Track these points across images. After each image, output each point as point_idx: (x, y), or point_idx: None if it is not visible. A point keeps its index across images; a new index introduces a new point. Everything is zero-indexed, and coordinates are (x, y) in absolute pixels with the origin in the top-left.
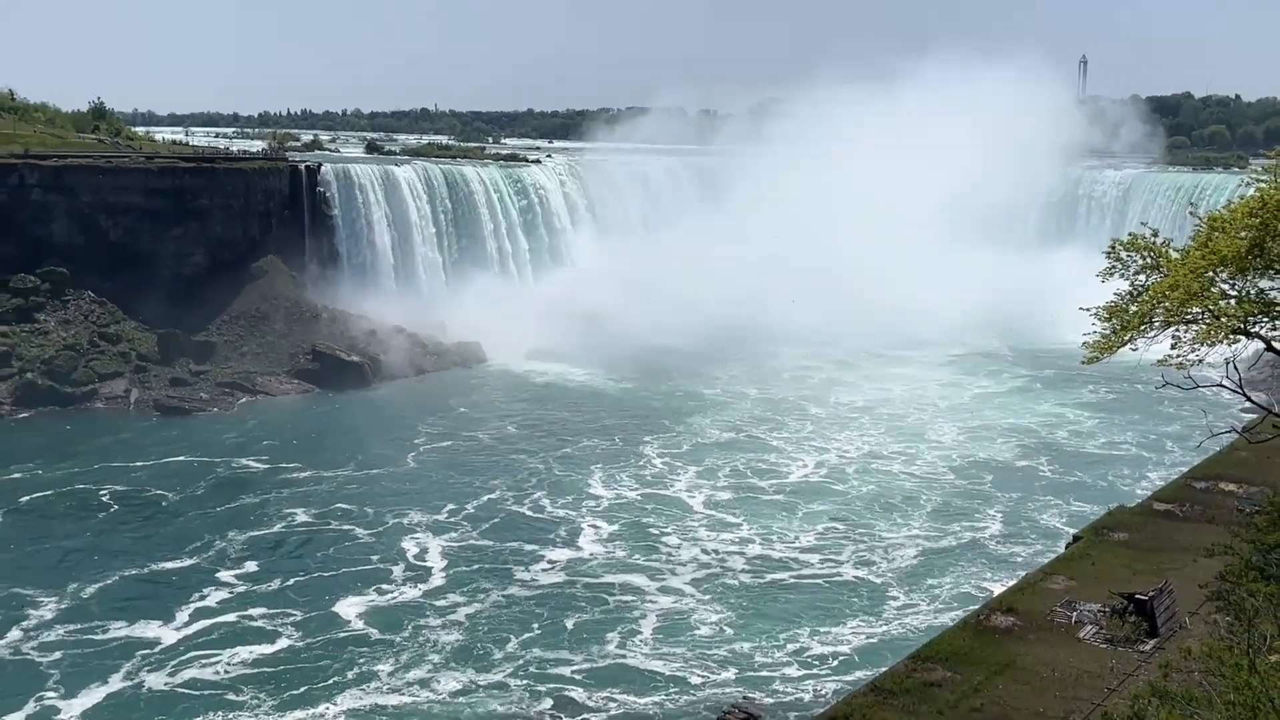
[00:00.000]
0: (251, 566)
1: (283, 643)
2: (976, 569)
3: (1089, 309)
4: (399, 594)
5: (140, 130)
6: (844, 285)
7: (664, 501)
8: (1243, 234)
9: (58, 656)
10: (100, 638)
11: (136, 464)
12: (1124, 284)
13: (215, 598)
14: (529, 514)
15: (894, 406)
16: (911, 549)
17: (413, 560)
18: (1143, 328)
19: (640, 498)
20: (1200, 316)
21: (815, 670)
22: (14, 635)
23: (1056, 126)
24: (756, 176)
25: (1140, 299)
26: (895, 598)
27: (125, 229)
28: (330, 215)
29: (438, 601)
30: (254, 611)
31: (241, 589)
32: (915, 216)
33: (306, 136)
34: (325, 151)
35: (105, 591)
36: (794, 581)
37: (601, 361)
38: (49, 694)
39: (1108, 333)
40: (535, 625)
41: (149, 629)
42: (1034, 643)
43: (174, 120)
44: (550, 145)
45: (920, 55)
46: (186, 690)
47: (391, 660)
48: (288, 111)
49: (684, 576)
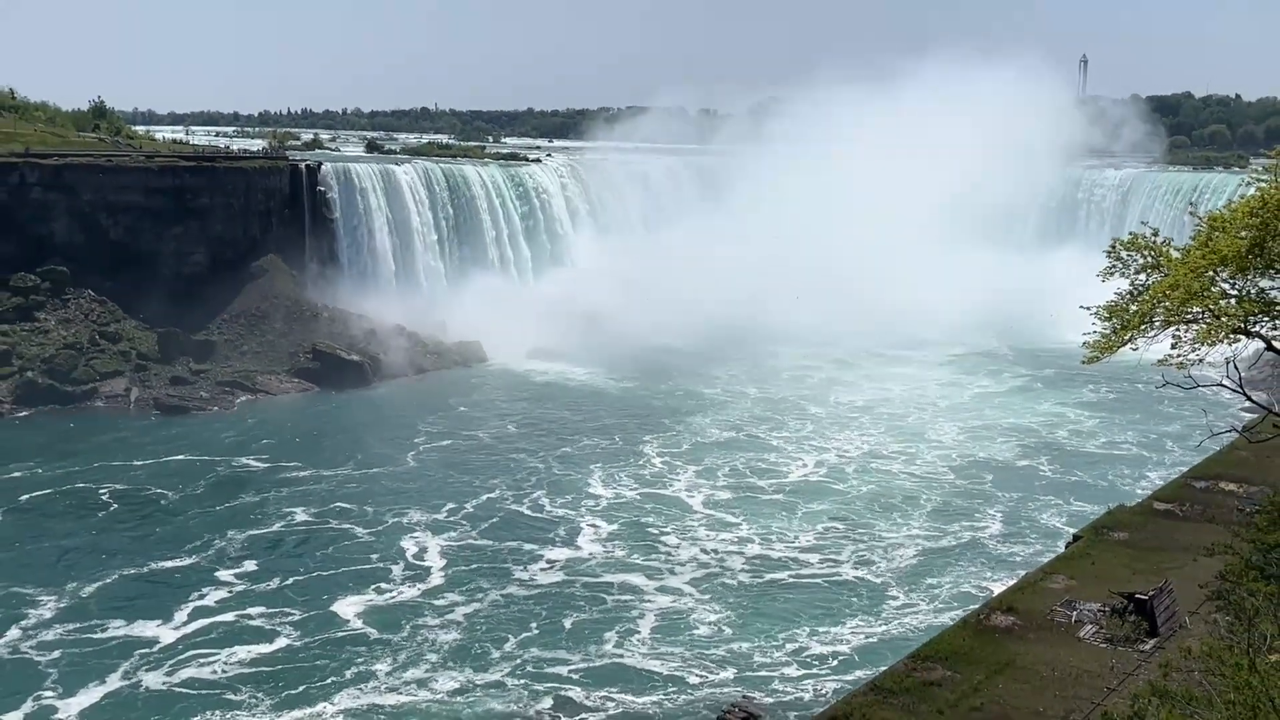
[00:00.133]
0: (250, 565)
1: (281, 642)
2: (976, 568)
3: (1089, 308)
4: (397, 593)
5: (140, 129)
6: (844, 285)
7: (663, 501)
8: (1243, 233)
9: (56, 655)
10: (99, 637)
11: (136, 463)
12: (1124, 283)
13: (214, 597)
14: (528, 513)
15: (894, 406)
16: (911, 548)
17: (411, 559)
18: (1143, 327)
19: (639, 497)
20: (1200, 316)
21: (814, 670)
22: (13, 634)
23: (1056, 126)
24: (757, 176)
25: (1140, 298)
26: (895, 597)
27: (125, 228)
28: (330, 215)
29: (436, 601)
30: (252, 611)
31: (240, 588)
32: (915, 216)
33: (307, 135)
34: (325, 151)
35: (104, 590)
36: (793, 581)
37: (602, 361)
38: (47, 693)
39: (1108, 332)
40: (534, 625)
41: (147, 628)
42: (1034, 642)
43: (174, 119)
44: (550, 144)
45: (920, 55)
46: (184, 689)
47: (389, 659)
48: (288, 110)
49: (683, 576)
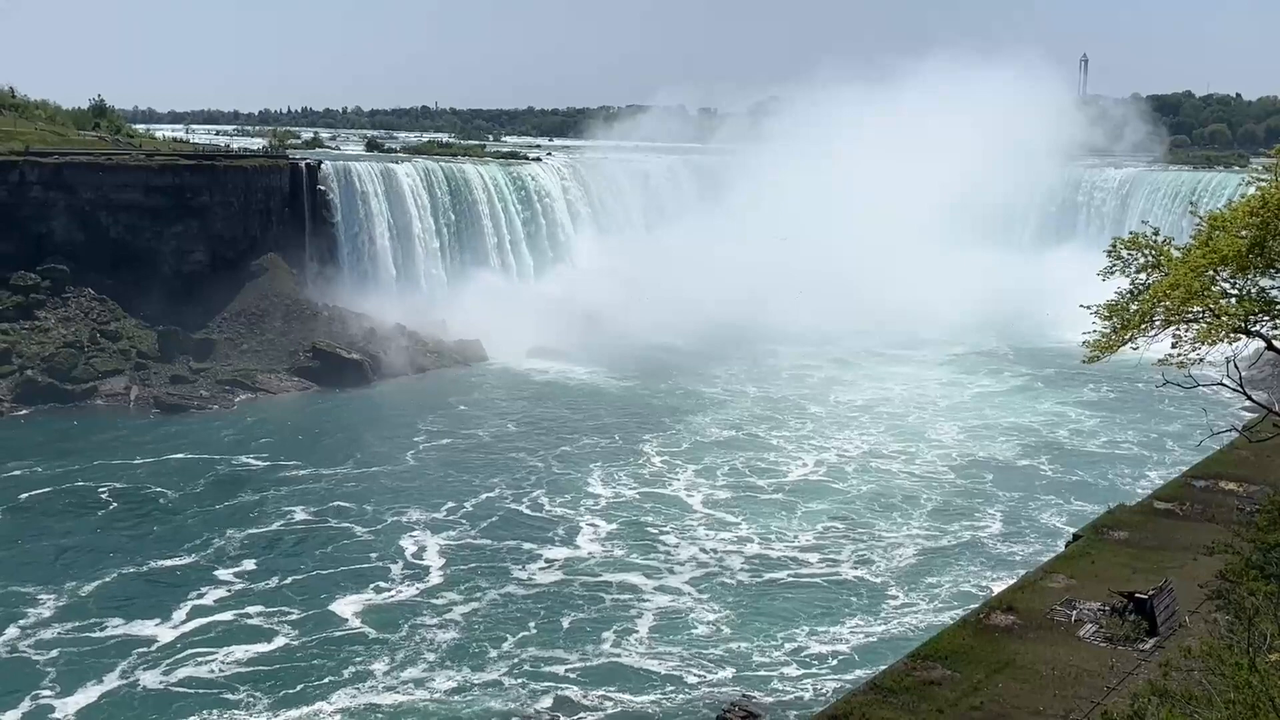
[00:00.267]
0: (249, 564)
1: (279, 641)
2: (976, 568)
3: (1089, 307)
4: (396, 592)
5: (141, 128)
6: (844, 284)
7: (663, 500)
8: (1243, 233)
9: (54, 654)
10: (97, 635)
11: (136, 461)
12: (1125, 282)
13: (212, 596)
14: (527, 512)
15: (894, 405)
16: (911, 548)
17: (410, 559)
18: (1143, 326)
19: (639, 496)
20: (1201, 315)
21: (814, 669)
22: (11, 633)
23: (1056, 126)
24: (757, 175)
25: (1141, 297)
26: (894, 596)
27: (125, 226)
28: (331, 213)
29: (435, 600)
30: (251, 610)
31: (239, 587)
32: (915, 216)
33: (307, 134)
34: (326, 149)
35: (103, 589)
36: (793, 580)
37: (602, 360)
38: (45, 692)
39: (1108, 331)
40: (532, 624)
41: (146, 627)
42: (1034, 641)
43: (174, 118)
44: (550, 143)
45: (920, 55)
46: (182, 689)
47: (387, 658)
48: (288, 109)
49: (682, 575)
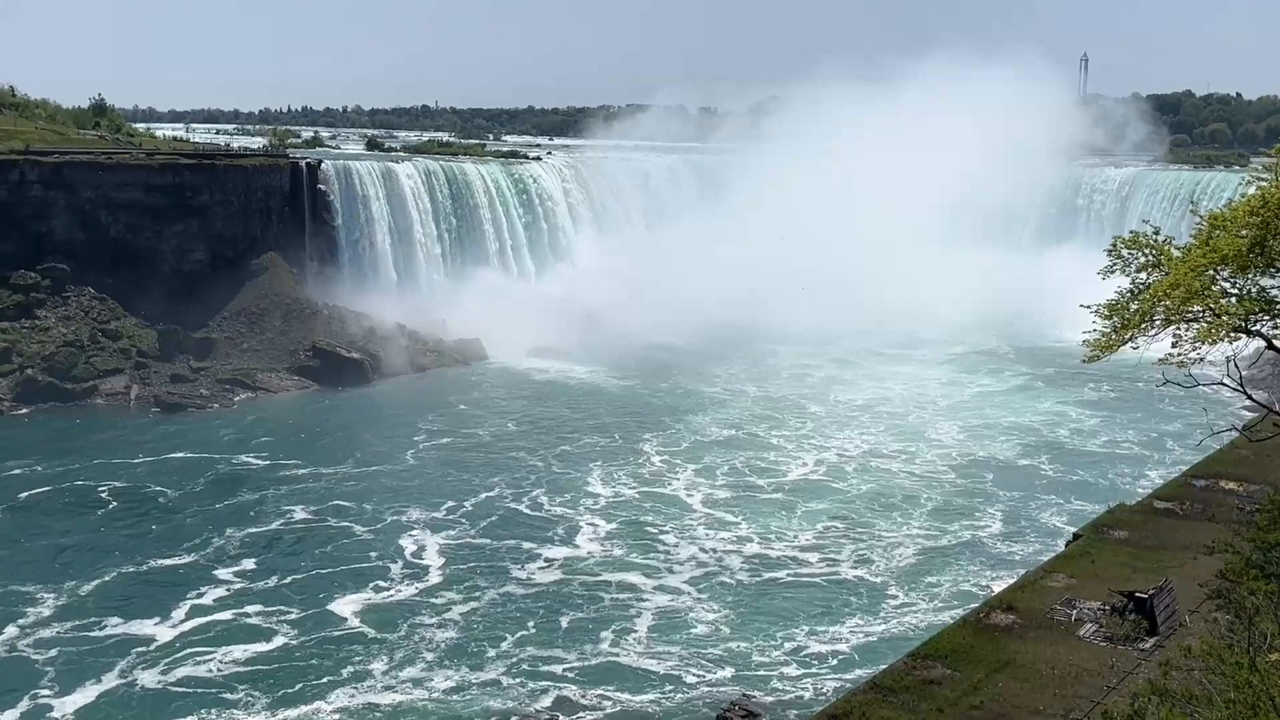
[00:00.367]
0: (248, 564)
1: (278, 640)
2: (976, 567)
3: (1090, 307)
4: (395, 592)
5: (141, 127)
6: (844, 284)
7: (662, 500)
8: (1244, 232)
9: (53, 653)
10: (96, 635)
11: (136, 460)
12: (1125, 281)
13: (212, 595)
14: (527, 512)
15: (894, 405)
16: (911, 547)
17: (410, 558)
18: (1143, 326)
19: (639, 496)
20: (1201, 314)
21: (814, 668)
22: (10, 632)
23: (1057, 126)
24: (757, 175)
25: (1141, 297)
26: (894, 596)
27: (126, 225)
28: (331, 213)
29: (434, 599)
30: (250, 609)
31: (238, 586)
32: (915, 216)
33: (307, 133)
34: (326, 148)
35: (102, 588)
36: (792, 580)
37: (602, 359)
38: (43, 691)
39: (1108, 331)
40: (531, 623)
41: (145, 626)
42: (1034, 641)
43: (175, 117)
44: (550, 142)
45: (920, 55)
46: (181, 688)
47: (386, 658)
48: (288, 108)
49: (682, 575)
